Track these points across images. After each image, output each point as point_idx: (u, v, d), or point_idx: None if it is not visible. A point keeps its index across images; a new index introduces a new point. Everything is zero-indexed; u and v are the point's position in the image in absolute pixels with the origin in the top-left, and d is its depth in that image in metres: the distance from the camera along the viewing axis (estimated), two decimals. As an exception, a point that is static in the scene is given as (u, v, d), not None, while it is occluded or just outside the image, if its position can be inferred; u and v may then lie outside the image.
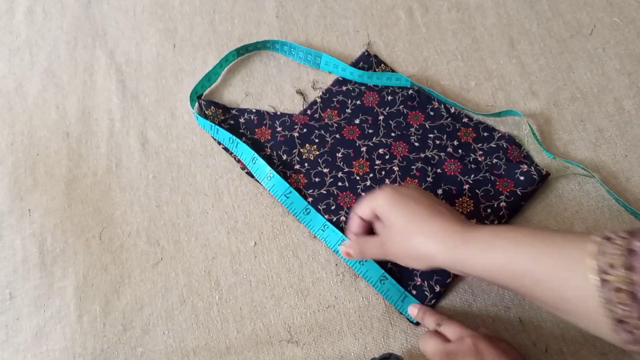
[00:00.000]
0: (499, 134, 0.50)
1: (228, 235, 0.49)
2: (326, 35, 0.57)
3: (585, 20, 0.55)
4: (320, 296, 0.46)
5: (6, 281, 0.49)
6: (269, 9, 0.59)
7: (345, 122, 0.52)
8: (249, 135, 0.52)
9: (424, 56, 0.55)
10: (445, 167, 0.49)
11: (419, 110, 0.52)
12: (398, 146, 0.50)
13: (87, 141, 0.54)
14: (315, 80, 0.55)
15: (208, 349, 0.45)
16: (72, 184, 0.52)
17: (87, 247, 0.49)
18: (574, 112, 0.51)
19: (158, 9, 0.61)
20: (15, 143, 0.55)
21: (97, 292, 0.48)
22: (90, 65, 0.58)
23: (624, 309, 0.28)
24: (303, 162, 0.50)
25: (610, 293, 0.29)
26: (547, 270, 0.32)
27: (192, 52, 0.58)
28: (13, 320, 0.47)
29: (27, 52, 0.59)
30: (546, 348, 0.42)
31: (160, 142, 0.53)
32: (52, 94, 0.57)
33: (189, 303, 0.47)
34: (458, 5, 0.57)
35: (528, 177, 0.47)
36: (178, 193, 0.51)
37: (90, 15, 0.61)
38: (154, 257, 0.49)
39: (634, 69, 0.52)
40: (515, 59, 0.54)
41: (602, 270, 0.29)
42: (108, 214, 0.51)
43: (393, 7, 0.58)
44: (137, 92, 0.56)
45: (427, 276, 0.44)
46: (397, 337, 0.44)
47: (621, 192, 0.47)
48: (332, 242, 0.46)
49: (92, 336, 0.46)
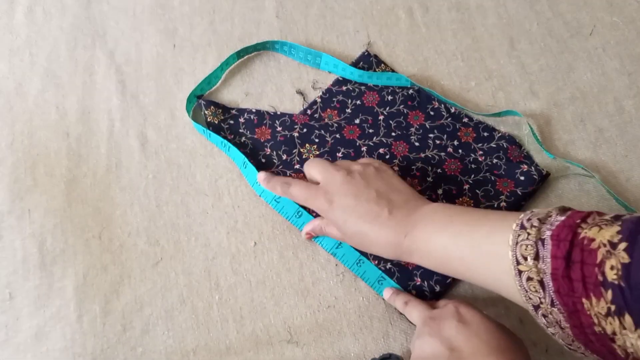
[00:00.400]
0: (499, 134, 0.50)
1: (228, 235, 0.49)
2: (326, 35, 0.57)
3: (585, 20, 0.55)
4: (320, 296, 0.46)
5: (6, 281, 0.49)
6: (269, 9, 0.59)
7: (345, 122, 0.52)
8: (249, 135, 0.52)
9: (424, 56, 0.55)
10: (446, 167, 0.49)
11: (419, 110, 0.52)
12: (398, 146, 0.50)
13: (87, 141, 0.54)
14: (315, 80, 0.55)
15: (208, 349, 0.45)
16: (72, 184, 0.52)
17: (87, 247, 0.49)
18: (574, 112, 0.51)
19: (158, 9, 0.61)
20: (15, 143, 0.55)
21: (97, 292, 0.48)
22: (90, 65, 0.58)
23: (537, 296, 0.31)
24: (303, 161, 0.50)
25: (525, 282, 0.31)
26: (477, 260, 0.35)
27: (192, 52, 0.58)
28: (13, 320, 0.47)
29: (27, 52, 0.59)
30: (546, 348, 0.42)
31: (160, 142, 0.53)
32: (52, 94, 0.57)
33: (189, 303, 0.47)
34: (458, 5, 0.57)
35: (528, 177, 0.47)
36: (178, 193, 0.51)
37: (90, 15, 0.61)
38: (154, 257, 0.49)
39: (634, 69, 0.52)
40: (515, 59, 0.54)
41: (517, 262, 0.31)
42: (108, 214, 0.51)
43: (393, 7, 0.58)
44: (137, 92, 0.56)
45: (427, 276, 0.44)
46: (397, 337, 0.44)
47: (621, 192, 0.47)
48: (329, 246, 0.46)
49: (92, 336, 0.46)
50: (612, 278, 0.26)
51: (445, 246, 0.37)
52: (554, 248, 0.29)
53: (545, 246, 0.30)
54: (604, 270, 0.27)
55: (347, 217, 0.41)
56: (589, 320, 0.28)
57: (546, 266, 0.30)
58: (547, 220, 0.31)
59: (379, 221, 0.39)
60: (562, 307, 0.29)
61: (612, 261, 0.26)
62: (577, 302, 0.28)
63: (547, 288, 0.30)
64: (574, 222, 0.30)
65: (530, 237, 0.31)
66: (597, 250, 0.27)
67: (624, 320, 0.26)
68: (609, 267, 0.26)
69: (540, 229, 0.31)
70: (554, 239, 0.30)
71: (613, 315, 0.26)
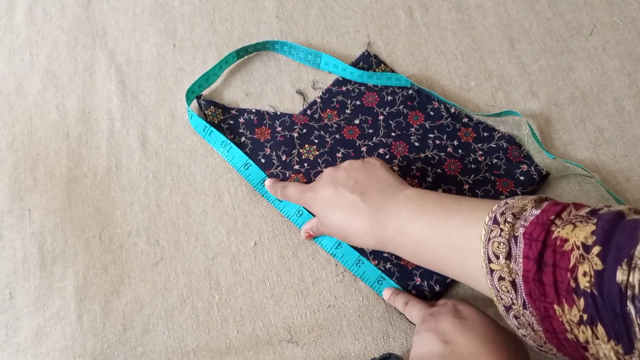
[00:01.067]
0: (499, 134, 0.50)
1: (228, 235, 0.49)
2: (326, 35, 0.57)
3: (585, 20, 0.55)
4: (320, 296, 0.46)
5: (6, 281, 0.49)
6: (269, 9, 0.59)
7: (345, 123, 0.52)
8: (249, 135, 0.52)
9: (424, 56, 0.55)
10: (445, 167, 0.49)
11: (419, 110, 0.52)
12: (398, 146, 0.50)
13: (87, 141, 0.54)
14: (315, 80, 0.55)
15: (208, 349, 0.45)
16: (72, 184, 0.52)
17: (87, 247, 0.49)
18: (574, 112, 0.51)
19: (158, 9, 0.61)
20: (15, 143, 0.55)
21: (97, 292, 0.48)
22: (90, 65, 0.58)
23: (508, 297, 0.29)
24: (303, 162, 0.50)
25: (496, 282, 0.29)
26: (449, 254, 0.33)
27: (192, 52, 0.58)
28: (13, 320, 0.47)
29: (27, 52, 0.59)
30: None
31: (160, 142, 0.53)
32: (52, 94, 0.57)
33: (189, 303, 0.47)
34: (458, 5, 0.57)
35: (528, 177, 0.47)
36: (178, 193, 0.51)
37: (90, 15, 0.61)
38: (154, 257, 0.49)
39: (634, 69, 0.52)
40: (515, 59, 0.54)
41: (488, 259, 0.30)
42: (108, 214, 0.51)
43: (393, 7, 0.58)
44: (137, 92, 0.56)
45: (427, 276, 0.44)
46: (397, 337, 0.44)
47: (621, 192, 0.47)
48: (329, 246, 0.47)
49: (92, 336, 0.46)
50: (585, 285, 0.24)
51: (417, 239, 0.35)
52: (526, 248, 0.28)
53: (518, 245, 0.28)
54: (577, 276, 0.25)
55: (326, 208, 0.40)
56: (561, 326, 0.27)
57: (518, 267, 0.28)
58: (522, 215, 0.30)
59: (354, 210, 0.39)
60: (534, 311, 0.28)
61: (584, 267, 0.25)
62: (549, 307, 0.27)
63: (519, 289, 0.28)
64: (547, 218, 0.28)
65: (503, 234, 0.29)
66: (570, 253, 0.26)
67: (596, 330, 0.24)
68: (582, 273, 0.25)
69: (515, 225, 0.29)
70: (527, 238, 0.28)
71: (585, 324, 0.25)
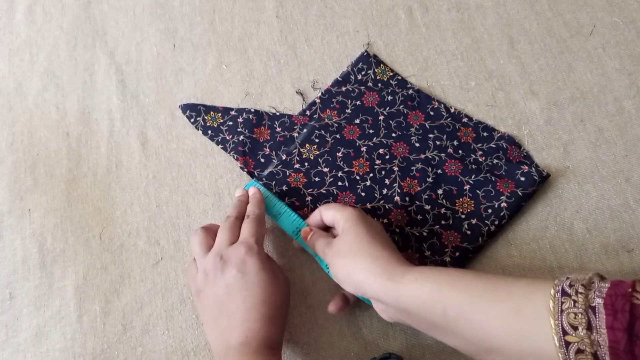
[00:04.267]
0: (499, 134, 0.50)
1: (228, 235, 0.49)
2: (326, 35, 0.57)
3: (585, 20, 0.55)
4: (320, 296, 0.46)
5: (6, 281, 0.49)
6: (269, 9, 0.59)
7: (345, 122, 0.52)
8: (247, 134, 0.52)
9: (424, 56, 0.55)
10: (446, 167, 0.49)
11: (419, 110, 0.52)
12: (398, 147, 0.50)
13: (87, 141, 0.54)
14: (315, 80, 0.55)
15: (208, 349, 0.45)
16: (72, 184, 0.52)
17: (87, 247, 0.49)
18: (574, 112, 0.51)
19: (158, 9, 0.61)
20: (15, 143, 0.55)
21: (97, 292, 0.48)
22: (90, 65, 0.58)
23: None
24: (303, 161, 0.50)
25: (573, 355, 0.28)
26: (492, 314, 0.31)
27: (192, 52, 0.58)
28: (13, 320, 0.47)
29: (27, 52, 0.59)
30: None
31: (160, 142, 0.53)
32: (52, 94, 0.57)
33: (189, 303, 0.47)
34: (458, 5, 0.57)
35: (529, 178, 0.47)
36: (178, 193, 0.51)
37: (90, 15, 0.61)
38: (154, 257, 0.49)
39: (634, 69, 0.52)
40: (515, 59, 0.54)
41: (563, 331, 0.28)
42: (108, 214, 0.51)
43: (393, 7, 0.58)
44: (137, 92, 0.56)
45: None
46: (397, 337, 0.44)
47: (621, 192, 0.47)
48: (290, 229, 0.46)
49: (92, 336, 0.46)
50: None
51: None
52: (609, 318, 0.27)
53: (598, 315, 0.27)
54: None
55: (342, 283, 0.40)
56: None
57: (601, 338, 0.27)
58: (591, 286, 0.29)
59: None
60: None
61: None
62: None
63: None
64: (626, 290, 0.27)
65: (578, 305, 0.28)
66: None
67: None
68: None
69: (588, 296, 0.28)
70: (608, 308, 0.27)
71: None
